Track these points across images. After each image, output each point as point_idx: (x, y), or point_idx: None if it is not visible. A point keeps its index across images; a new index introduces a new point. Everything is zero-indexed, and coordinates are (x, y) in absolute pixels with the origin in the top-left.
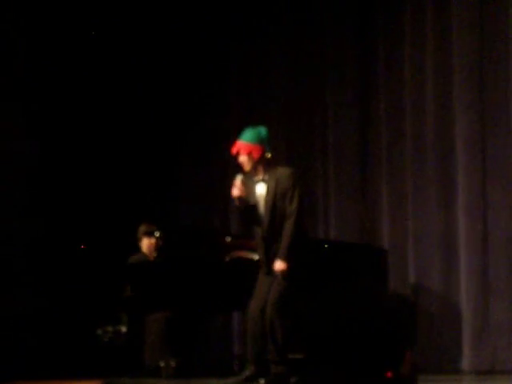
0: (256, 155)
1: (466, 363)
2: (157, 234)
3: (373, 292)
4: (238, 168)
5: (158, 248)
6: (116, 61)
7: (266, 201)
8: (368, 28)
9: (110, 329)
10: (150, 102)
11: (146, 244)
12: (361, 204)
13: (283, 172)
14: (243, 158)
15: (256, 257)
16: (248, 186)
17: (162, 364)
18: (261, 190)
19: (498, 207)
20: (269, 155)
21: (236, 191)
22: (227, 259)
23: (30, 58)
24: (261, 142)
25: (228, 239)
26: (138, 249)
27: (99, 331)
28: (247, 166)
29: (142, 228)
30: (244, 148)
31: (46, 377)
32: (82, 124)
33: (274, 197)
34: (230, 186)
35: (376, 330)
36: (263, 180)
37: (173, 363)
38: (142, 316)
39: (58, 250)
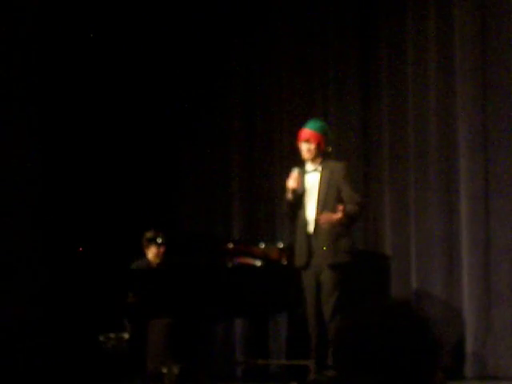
0: (323, 146)
1: (468, 369)
2: (159, 240)
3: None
4: (240, 171)
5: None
6: (116, 63)
7: (320, 190)
8: (370, 32)
9: (112, 335)
10: (151, 106)
11: (151, 251)
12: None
13: (337, 164)
14: (311, 147)
15: (258, 263)
16: (300, 177)
17: (164, 370)
18: (312, 179)
19: (501, 213)
20: (330, 149)
21: (293, 183)
22: (229, 265)
23: (30, 58)
24: (326, 134)
25: (230, 245)
26: (142, 255)
27: (101, 338)
28: (311, 155)
29: (147, 235)
30: (315, 138)
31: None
32: (83, 128)
33: (327, 187)
34: (232, 191)
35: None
36: (316, 170)
37: (175, 370)
38: (145, 322)
39: (60, 255)
